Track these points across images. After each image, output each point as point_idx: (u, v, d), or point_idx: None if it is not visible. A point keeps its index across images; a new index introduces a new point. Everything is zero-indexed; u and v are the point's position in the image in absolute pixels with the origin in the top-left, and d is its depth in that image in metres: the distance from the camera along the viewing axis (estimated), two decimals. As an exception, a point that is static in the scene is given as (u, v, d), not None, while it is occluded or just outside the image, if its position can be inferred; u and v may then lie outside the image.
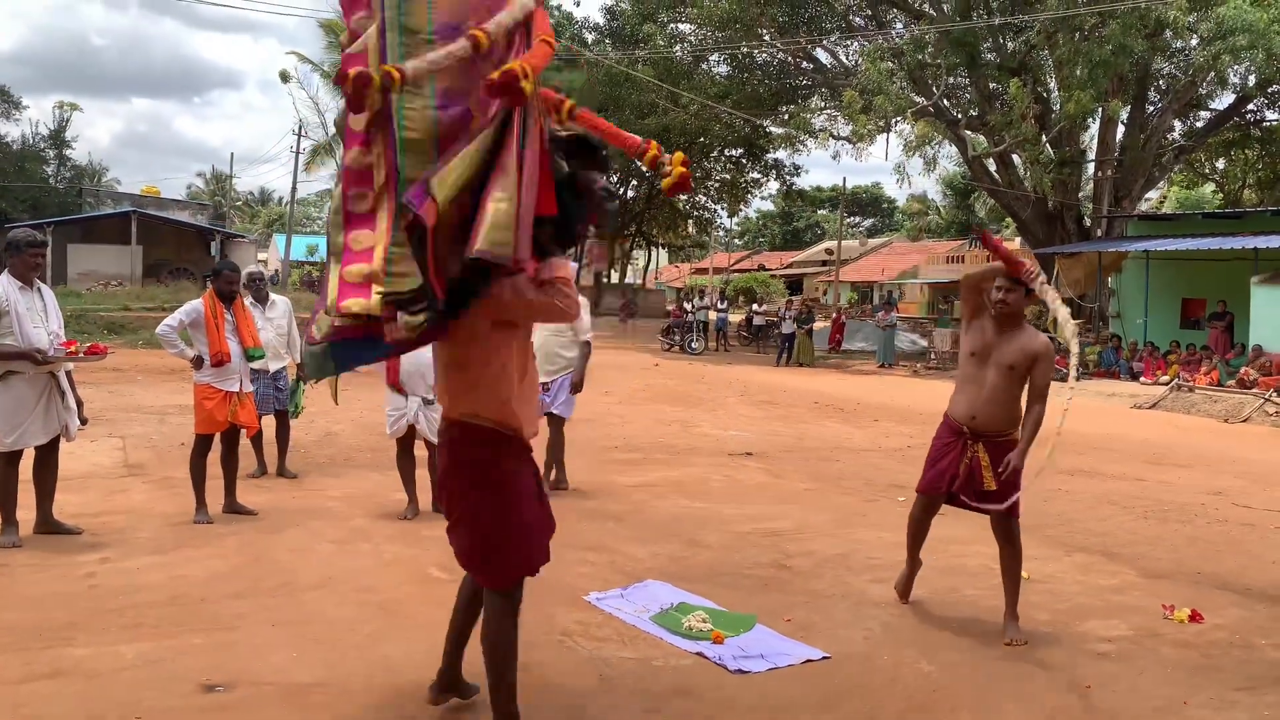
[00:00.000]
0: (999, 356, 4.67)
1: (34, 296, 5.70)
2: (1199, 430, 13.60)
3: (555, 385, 7.53)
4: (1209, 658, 4.44)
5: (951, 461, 4.79)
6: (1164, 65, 24.45)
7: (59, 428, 5.80)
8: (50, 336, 5.68)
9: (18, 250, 5.66)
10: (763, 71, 29.89)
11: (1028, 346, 4.65)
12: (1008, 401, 4.70)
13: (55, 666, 3.91)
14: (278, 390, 7.86)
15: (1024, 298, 4.66)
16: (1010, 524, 4.75)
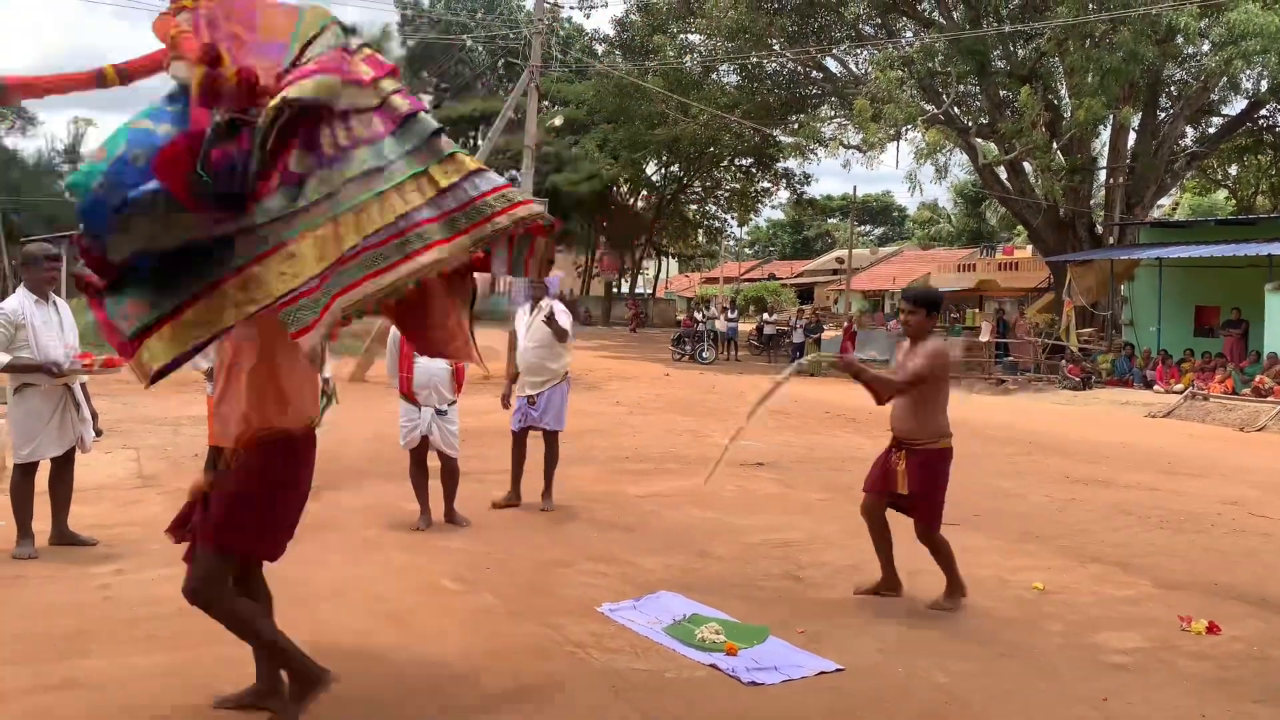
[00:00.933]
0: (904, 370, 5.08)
1: (50, 310, 5.74)
2: (1214, 439, 13.50)
3: (542, 399, 7.28)
4: (1226, 669, 4.40)
5: (878, 463, 5.32)
6: (1175, 71, 24.36)
7: (74, 440, 5.84)
8: (65, 350, 5.72)
9: (34, 264, 5.72)
10: (772, 81, 29.91)
11: (917, 351, 5.02)
12: (918, 412, 5.06)
13: (68, 677, 3.93)
14: None
15: (925, 319, 5.07)
16: (928, 532, 5.16)
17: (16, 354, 5.53)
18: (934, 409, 5.05)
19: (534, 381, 7.23)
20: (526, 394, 7.26)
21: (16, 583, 5.19)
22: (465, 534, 6.52)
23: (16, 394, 5.67)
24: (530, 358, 7.23)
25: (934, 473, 5.10)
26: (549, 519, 7.04)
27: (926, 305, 5.07)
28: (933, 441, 5.07)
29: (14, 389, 5.69)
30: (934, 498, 5.11)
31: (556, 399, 7.32)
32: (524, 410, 7.28)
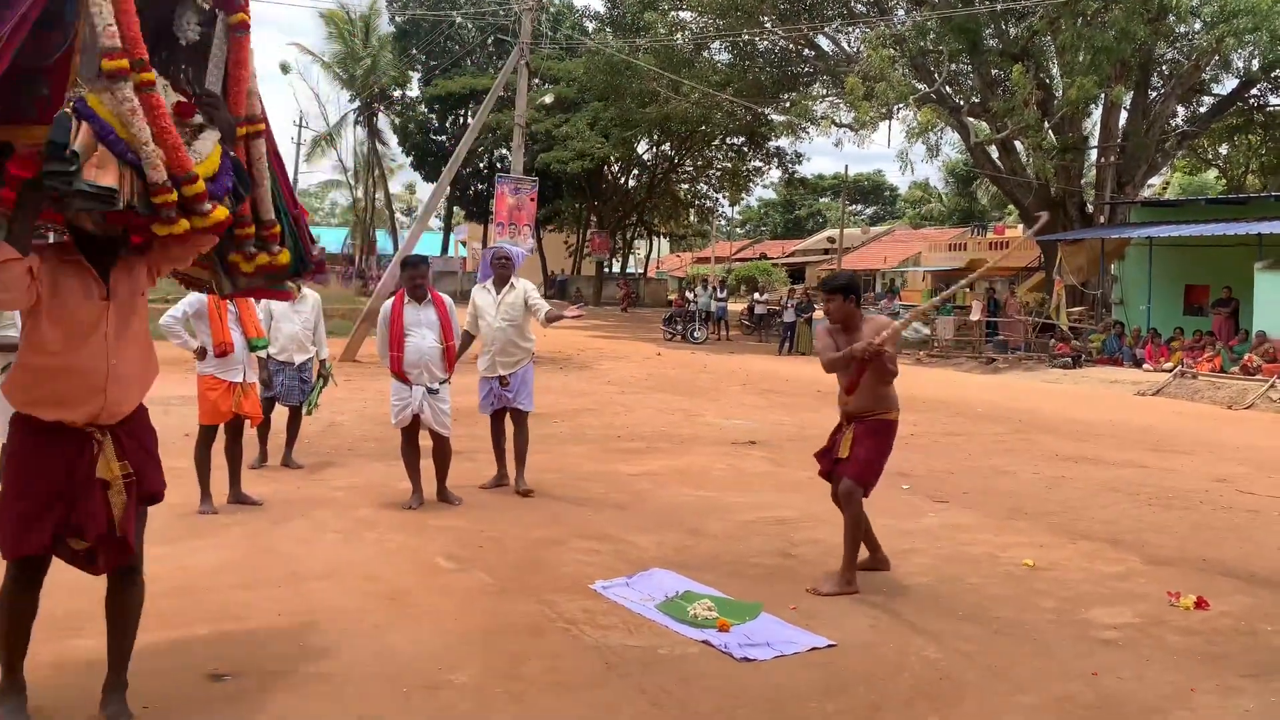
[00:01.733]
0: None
1: None
2: (1203, 417, 13.58)
3: (515, 379, 7.13)
4: (1215, 645, 4.44)
5: (825, 449, 5.50)
6: (1167, 50, 24.34)
7: None
8: None
9: None
10: (764, 59, 29.78)
11: (865, 331, 5.13)
12: (875, 387, 5.18)
13: (62, 657, 3.93)
14: (303, 382, 7.80)
15: (843, 304, 5.20)
16: (852, 493, 5.14)
17: (3, 332, 5.50)
18: (889, 382, 5.21)
19: (505, 362, 7.08)
20: (498, 374, 7.10)
21: (7, 562, 5.17)
22: (457, 512, 6.52)
23: (4, 373, 5.63)
24: (502, 337, 7.08)
25: (880, 439, 5.22)
26: (541, 497, 7.04)
27: (843, 291, 5.22)
28: (885, 412, 5.24)
29: (1, 368, 5.65)
30: (874, 461, 5.19)
31: (529, 378, 7.21)
32: (497, 392, 7.13)
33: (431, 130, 46.27)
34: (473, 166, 42.47)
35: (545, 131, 37.43)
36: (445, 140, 44.77)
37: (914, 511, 7.00)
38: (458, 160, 21.31)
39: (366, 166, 46.17)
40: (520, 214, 20.29)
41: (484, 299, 7.23)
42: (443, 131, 46.01)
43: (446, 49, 44.77)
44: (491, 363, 7.10)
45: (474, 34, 43.81)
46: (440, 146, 44.51)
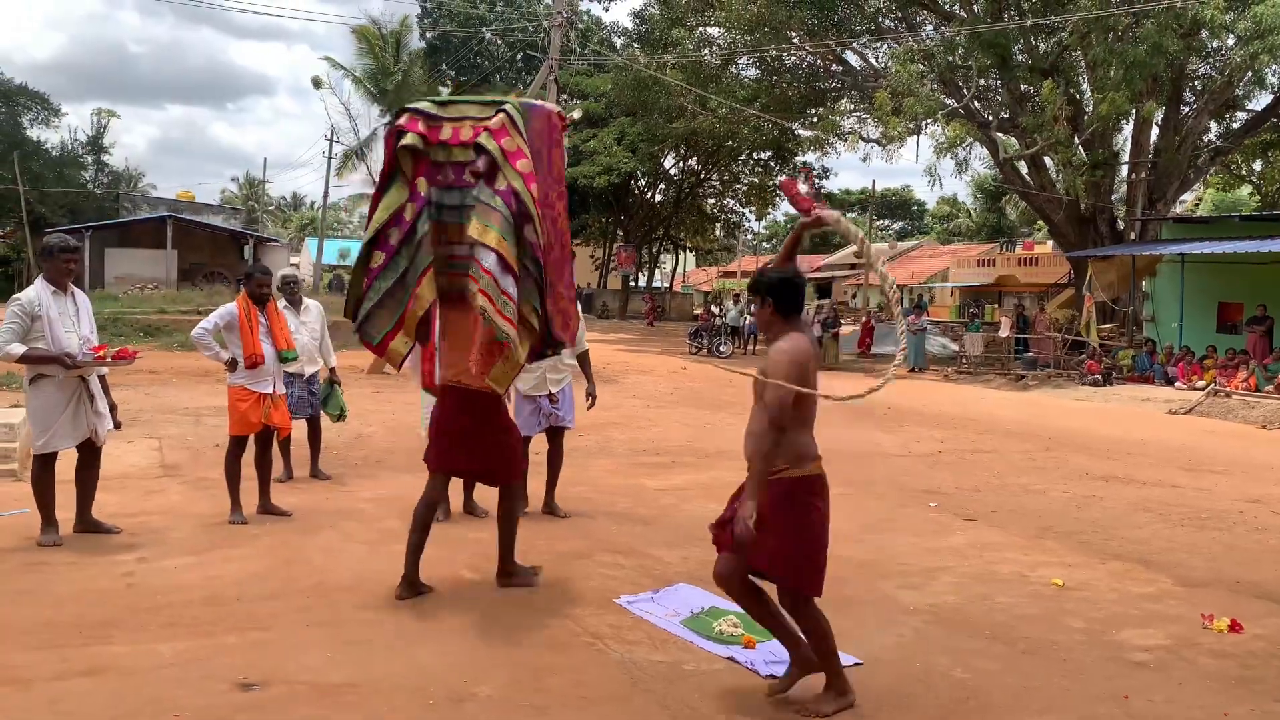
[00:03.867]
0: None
1: (67, 301, 5.77)
2: (1236, 436, 13.38)
3: (564, 395, 6.96)
4: (1249, 668, 4.36)
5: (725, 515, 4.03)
6: (1200, 66, 24.10)
7: (88, 431, 5.84)
8: (80, 341, 5.73)
9: (50, 255, 5.73)
10: (791, 74, 29.78)
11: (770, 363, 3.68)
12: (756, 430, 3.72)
13: (93, 664, 3.97)
14: (311, 394, 7.88)
15: (768, 311, 3.76)
16: (795, 603, 3.77)
17: (32, 344, 5.57)
18: (794, 426, 3.69)
19: (555, 379, 6.87)
20: (547, 391, 6.87)
21: (40, 569, 5.25)
22: (484, 524, 6.53)
23: (32, 385, 5.71)
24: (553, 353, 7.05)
25: (784, 514, 3.66)
26: (567, 511, 7.03)
27: (764, 293, 3.75)
28: (782, 469, 3.69)
29: (29, 380, 5.74)
30: (796, 547, 3.69)
31: (571, 395, 7.06)
32: (547, 409, 6.88)
33: (461, 145, 46.55)
34: (501, 181, 42.64)
35: (572, 146, 37.59)
36: (474, 155, 45.02)
37: (942, 529, 6.94)
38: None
39: (396, 180, 46.44)
40: (547, 228, 20.40)
41: None
42: (471, 146, 46.29)
43: (476, 64, 45.15)
44: (541, 380, 6.80)
45: (503, 50, 44.16)
46: (469, 161, 44.76)
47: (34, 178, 38.71)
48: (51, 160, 43.49)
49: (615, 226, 45.59)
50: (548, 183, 4.93)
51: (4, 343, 5.54)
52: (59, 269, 5.75)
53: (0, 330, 5.61)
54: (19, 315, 5.57)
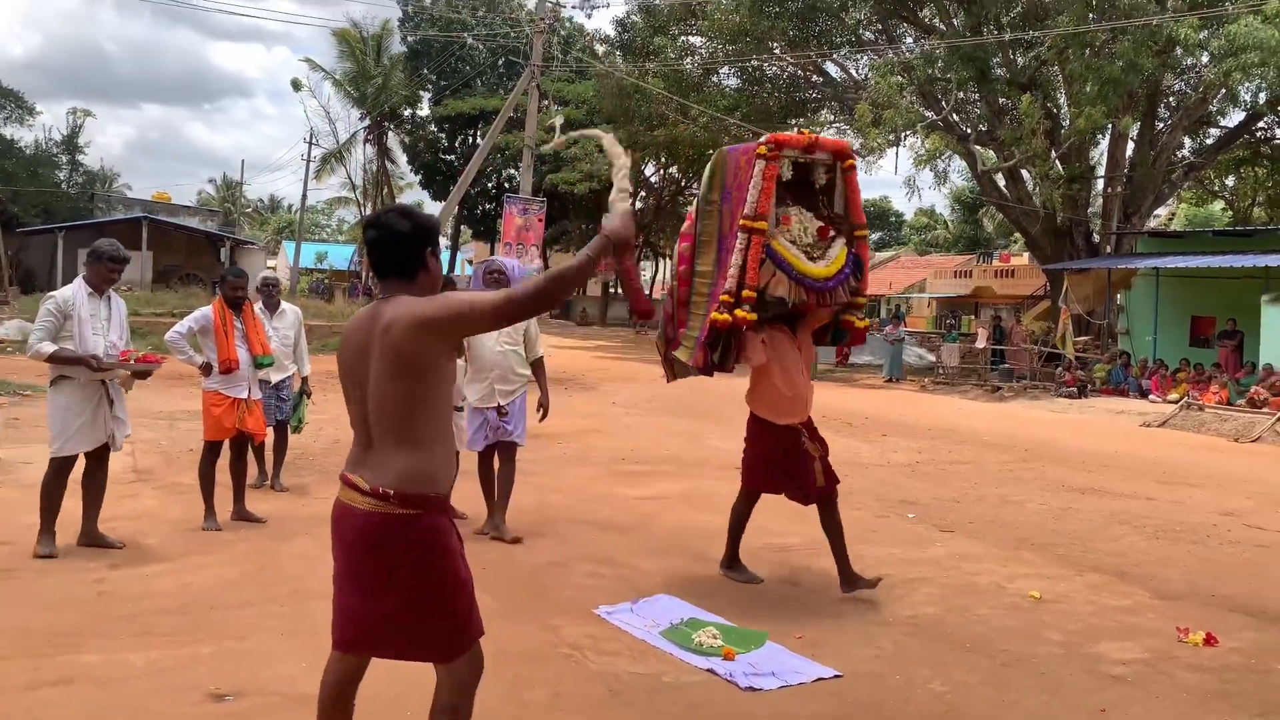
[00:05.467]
0: None
1: (101, 305, 5.68)
2: (1209, 449, 13.52)
3: (513, 408, 6.51)
4: (1226, 682, 4.39)
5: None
6: (1175, 82, 24.40)
7: (105, 436, 5.73)
8: (107, 346, 5.64)
9: (97, 260, 5.66)
10: (773, 84, 29.90)
11: None
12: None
13: (64, 674, 3.90)
14: (280, 400, 7.65)
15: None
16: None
17: (61, 344, 5.48)
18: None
19: (505, 390, 6.46)
20: (496, 404, 6.45)
21: (11, 576, 5.16)
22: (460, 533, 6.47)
23: (53, 386, 5.60)
24: (502, 362, 6.45)
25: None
26: (545, 520, 6.99)
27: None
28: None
29: (51, 380, 5.63)
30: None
31: (524, 409, 6.60)
32: (494, 423, 6.46)
33: (441, 150, 46.51)
34: (481, 186, 42.64)
35: (553, 152, 37.58)
36: (454, 160, 44.99)
37: (920, 541, 6.96)
38: (468, 180, 21.45)
39: (375, 184, 46.34)
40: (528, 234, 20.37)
41: None
42: (452, 151, 46.26)
43: (457, 70, 45.05)
44: (489, 391, 6.45)
45: (485, 55, 44.10)
46: (449, 166, 44.73)
47: (7, 177, 38.27)
48: (25, 159, 42.94)
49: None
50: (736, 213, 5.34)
51: (35, 340, 5.47)
52: (102, 275, 5.67)
53: (34, 328, 5.56)
54: (52, 313, 5.49)
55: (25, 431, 9.37)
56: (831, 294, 5.29)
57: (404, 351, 2.63)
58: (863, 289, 5.57)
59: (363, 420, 2.80)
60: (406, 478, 2.69)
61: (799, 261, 5.18)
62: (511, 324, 2.81)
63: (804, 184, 5.55)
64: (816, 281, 5.20)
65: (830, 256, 5.30)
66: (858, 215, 5.57)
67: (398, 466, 2.69)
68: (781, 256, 5.16)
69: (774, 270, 5.13)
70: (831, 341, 5.85)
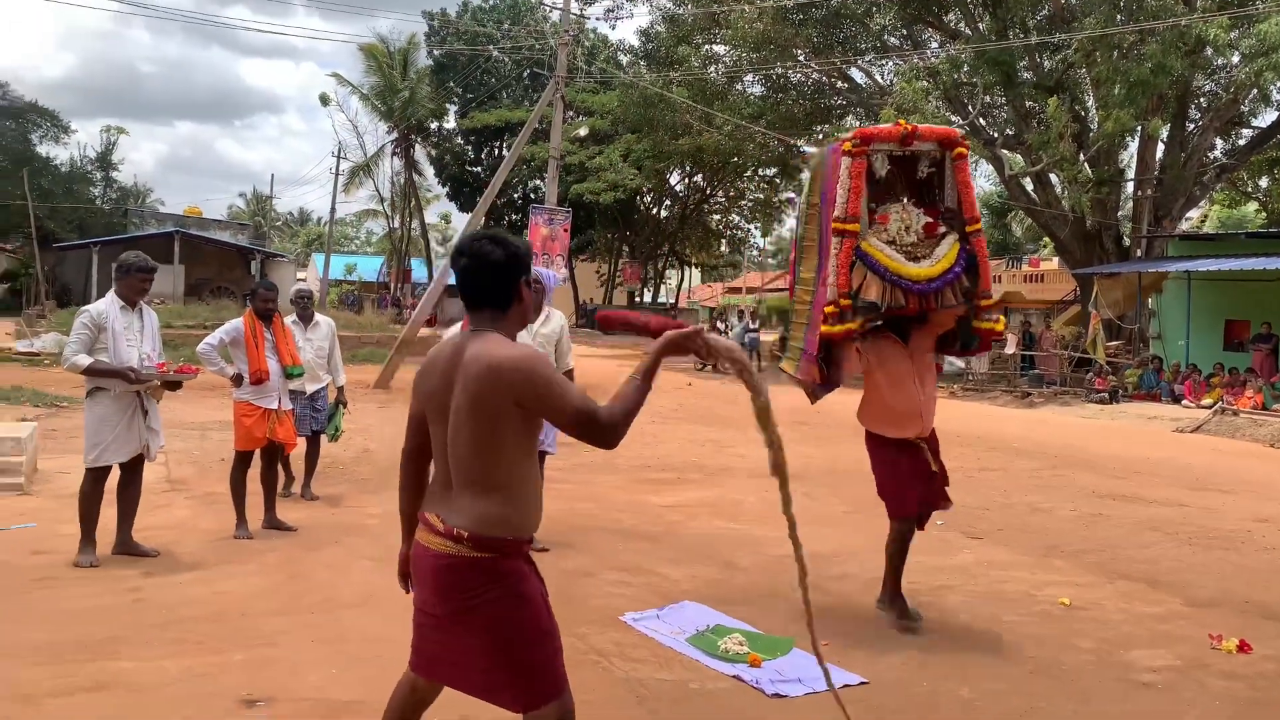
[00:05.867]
0: None
1: (134, 317, 5.77)
2: (1243, 455, 13.33)
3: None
4: (1258, 690, 4.34)
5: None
6: (1205, 83, 24.13)
7: (140, 447, 5.81)
8: (142, 357, 5.73)
9: (126, 273, 5.74)
10: (797, 91, 29.90)
11: None
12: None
13: (99, 680, 3.97)
14: (315, 411, 7.78)
15: None
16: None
17: (96, 358, 5.58)
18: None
19: None
20: None
21: (47, 585, 5.25)
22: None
23: (89, 398, 5.70)
24: None
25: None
26: (572, 528, 7.02)
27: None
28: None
29: (88, 392, 5.73)
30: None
31: None
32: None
33: (467, 161, 46.86)
34: (507, 197, 42.88)
35: (579, 163, 37.76)
36: (480, 171, 45.31)
37: (948, 548, 6.92)
38: (494, 191, 21.54)
39: (403, 196, 46.73)
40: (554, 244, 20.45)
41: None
42: (478, 163, 46.60)
43: (483, 82, 45.39)
44: None
45: (510, 68, 44.40)
46: (475, 177, 45.05)
47: (43, 194, 38.93)
48: (60, 176, 43.73)
49: (621, 242, 45.69)
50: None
51: (71, 353, 5.57)
52: (133, 286, 5.76)
53: (69, 341, 5.66)
54: (86, 326, 5.58)
55: (62, 443, 9.53)
56: (938, 296, 4.81)
57: (485, 394, 2.54)
58: (982, 289, 5.04)
59: (443, 456, 2.67)
60: (483, 520, 2.57)
61: (894, 262, 4.77)
62: (581, 438, 2.67)
63: (916, 178, 5.19)
64: (916, 283, 4.75)
65: (937, 255, 4.86)
66: (970, 208, 5.09)
67: (475, 508, 2.58)
68: (874, 259, 4.78)
69: (865, 273, 4.78)
70: (962, 348, 5.39)
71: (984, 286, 5.04)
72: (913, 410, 5.00)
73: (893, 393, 5.00)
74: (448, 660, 2.67)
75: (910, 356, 5.04)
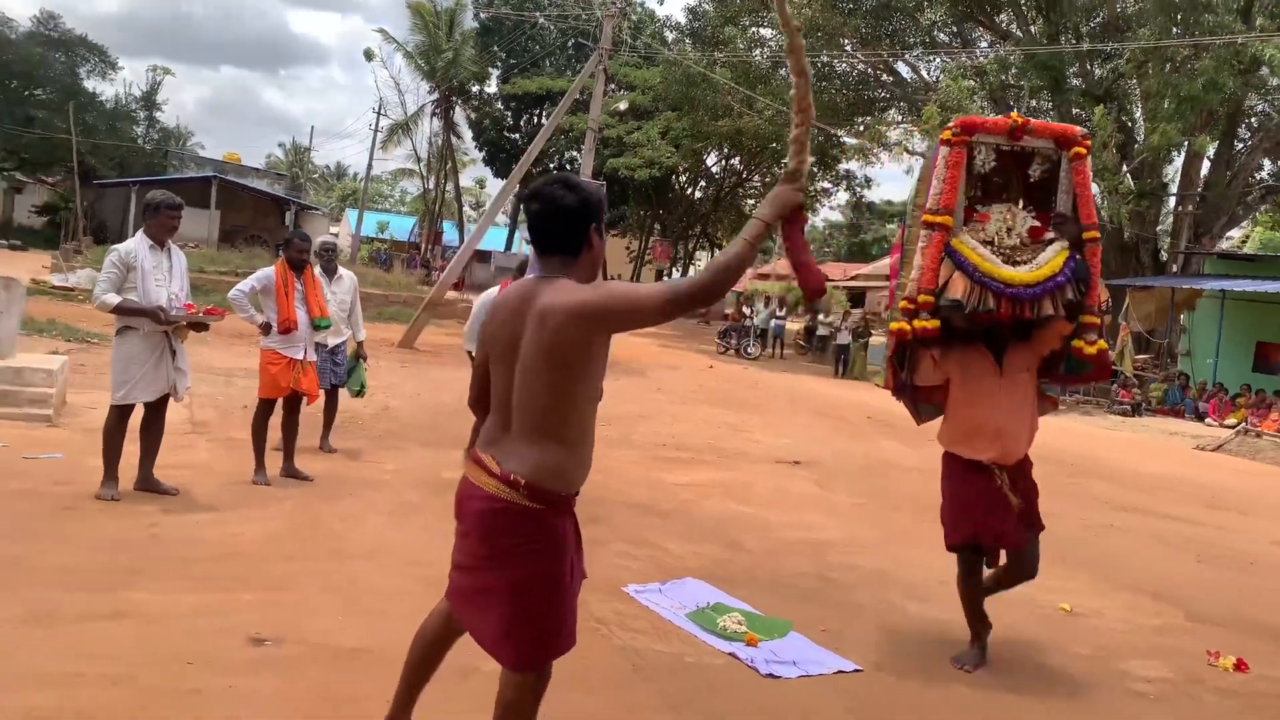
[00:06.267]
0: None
1: (162, 257, 5.86)
2: (1264, 476, 13.23)
3: None
4: (1252, 707, 4.36)
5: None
6: (1258, 103, 23.77)
7: (168, 387, 5.91)
8: (170, 297, 5.83)
9: (155, 211, 5.82)
10: (841, 81, 29.69)
11: None
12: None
13: (117, 608, 4.09)
14: (335, 365, 7.83)
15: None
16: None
17: (125, 296, 5.67)
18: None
19: None
20: None
21: (72, 516, 5.39)
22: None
23: (118, 335, 5.80)
24: None
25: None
26: (584, 500, 7.07)
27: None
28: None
29: (117, 330, 5.83)
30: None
31: None
32: None
33: (506, 128, 46.87)
34: (542, 166, 42.84)
35: (616, 137, 37.67)
36: (518, 138, 45.32)
37: (954, 546, 6.94)
38: (529, 159, 21.57)
39: (440, 158, 46.87)
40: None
41: None
42: (516, 129, 46.60)
43: (527, 49, 45.29)
44: None
45: (555, 36, 44.28)
46: (513, 144, 45.07)
47: (87, 129, 39.29)
48: (105, 113, 44.09)
49: (653, 220, 45.61)
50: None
51: (100, 292, 5.66)
52: (162, 225, 5.82)
53: (99, 280, 5.75)
54: (116, 265, 5.67)
55: (91, 378, 9.71)
56: (1034, 304, 4.24)
57: (562, 341, 2.51)
58: (1091, 304, 4.44)
59: (505, 401, 2.66)
60: (542, 471, 2.59)
61: (985, 262, 4.27)
62: (683, 314, 2.67)
63: (1030, 181, 4.71)
64: (1009, 286, 4.20)
65: (1039, 261, 4.30)
66: (1087, 214, 4.49)
67: (535, 457, 2.59)
68: (962, 255, 4.29)
69: (952, 270, 4.29)
70: (1067, 371, 4.77)
71: (1091, 302, 4.45)
72: (989, 430, 4.47)
73: (970, 408, 4.50)
74: (473, 602, 2.72)
75: (1000, 373, 4.50)
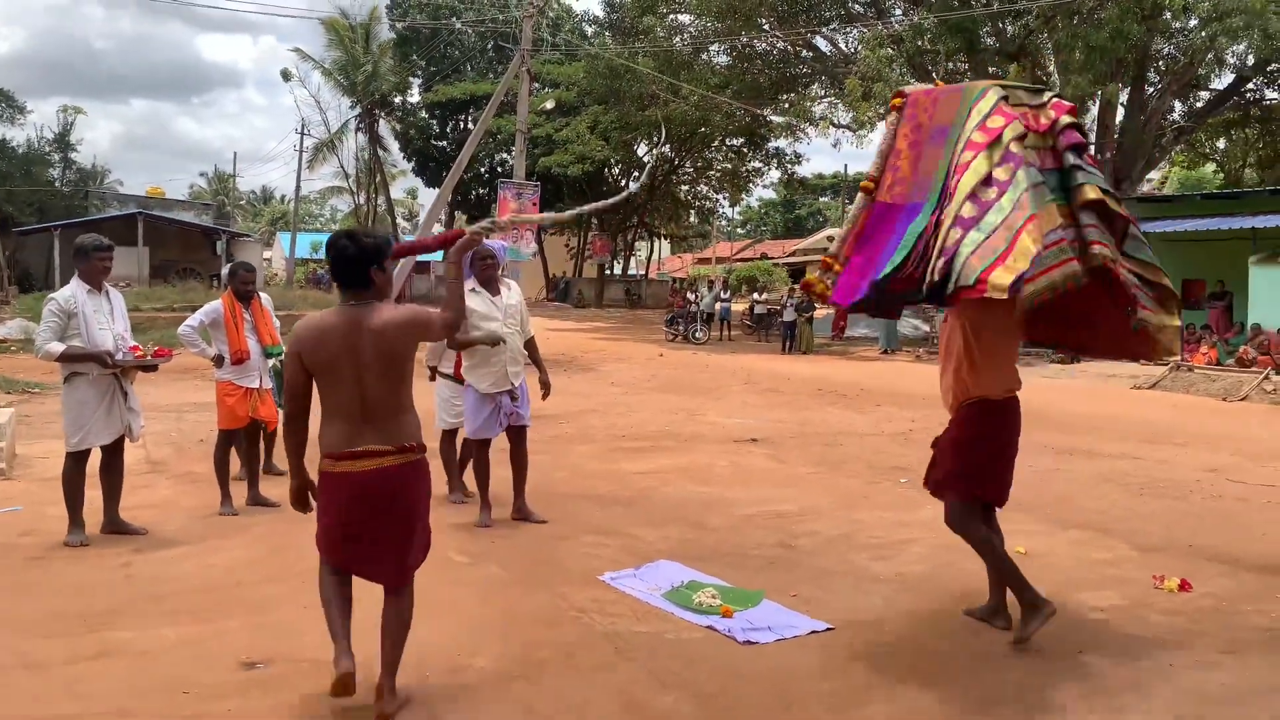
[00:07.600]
0: None
1: (101, 299, 5.85)
2: (1198, 409, 13.78)
3: (522, 390, 6.41)
4: (1196, 623, 4.65)
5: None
6: (1163, 46, 24.54)
7: (122, 428, 5.91)
8: (116, 339, 5.83)
9: (85, 256, 5.80)
10: (763, 61, 30.01)
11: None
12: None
13: (101, 648, 4.15)
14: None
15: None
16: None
17: (69, 343, 5.66)
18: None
19: (515, 371, 6.33)
20: (509, 388, 6.30)
21: (40, 564, 5.40)
22: (467, 510, 6.70)
23: (67, 383, 5.78)
24: (513, 344, 6.29)
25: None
26: (549, 495, 7.21)
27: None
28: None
29: (64, 378, 5.81)
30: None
31: (527, 390, 6.52)
32: (508, 409, 6.31)
33: (432, 136, 46.61)
34: (474, 171, 42.73)
35: (545, 135, 37.70)
36: (446, 146, 45.10)
37: (910, 504, 7.20)
38: (461, 166, 21.54)
39: (368, 172, 46.46)
40: (522, 219, 20.48)
41: (480, 303, 6.19)
42: (444, 137, 46.37)
43: (447, 55, 45.03)
44: (501, 374, 6.26)
45: (474, 40, 44.07)
46: (441, 152, 44.84)
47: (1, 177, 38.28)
48: (18, 159, 42.99)
49: (590, 215, 45.64)
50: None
51: (43, 341, 5.64)
52: (94, 268, 5.80)
53: (39, 330, 5.72)
54: (56, 314, 5.65)
55: (38, 428, 9.60)
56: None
57: (399, 346, 3.53)
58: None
59: (359, 401, 3.52)
60: (414, 432, 3.60)
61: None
62: (446, 335, 3.82)
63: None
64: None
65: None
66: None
67: (407, 426, 3.58)
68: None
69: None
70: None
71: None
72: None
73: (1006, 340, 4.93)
74: (368, 556, 3.64)
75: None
